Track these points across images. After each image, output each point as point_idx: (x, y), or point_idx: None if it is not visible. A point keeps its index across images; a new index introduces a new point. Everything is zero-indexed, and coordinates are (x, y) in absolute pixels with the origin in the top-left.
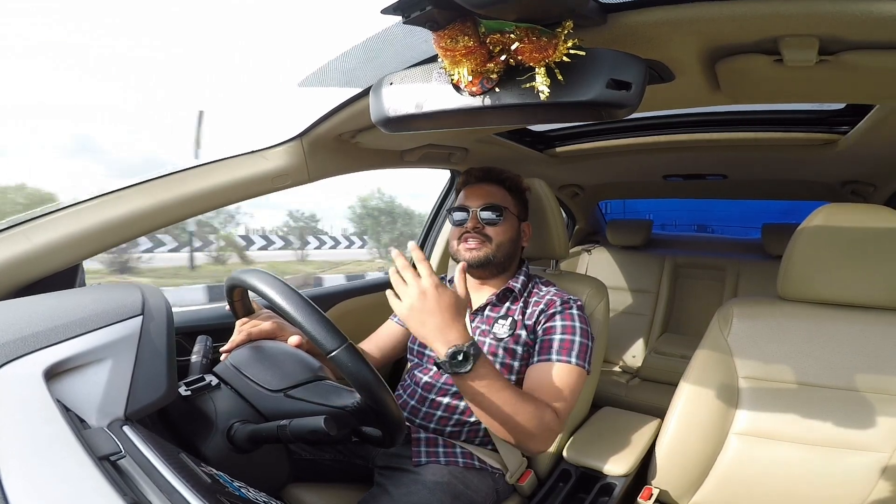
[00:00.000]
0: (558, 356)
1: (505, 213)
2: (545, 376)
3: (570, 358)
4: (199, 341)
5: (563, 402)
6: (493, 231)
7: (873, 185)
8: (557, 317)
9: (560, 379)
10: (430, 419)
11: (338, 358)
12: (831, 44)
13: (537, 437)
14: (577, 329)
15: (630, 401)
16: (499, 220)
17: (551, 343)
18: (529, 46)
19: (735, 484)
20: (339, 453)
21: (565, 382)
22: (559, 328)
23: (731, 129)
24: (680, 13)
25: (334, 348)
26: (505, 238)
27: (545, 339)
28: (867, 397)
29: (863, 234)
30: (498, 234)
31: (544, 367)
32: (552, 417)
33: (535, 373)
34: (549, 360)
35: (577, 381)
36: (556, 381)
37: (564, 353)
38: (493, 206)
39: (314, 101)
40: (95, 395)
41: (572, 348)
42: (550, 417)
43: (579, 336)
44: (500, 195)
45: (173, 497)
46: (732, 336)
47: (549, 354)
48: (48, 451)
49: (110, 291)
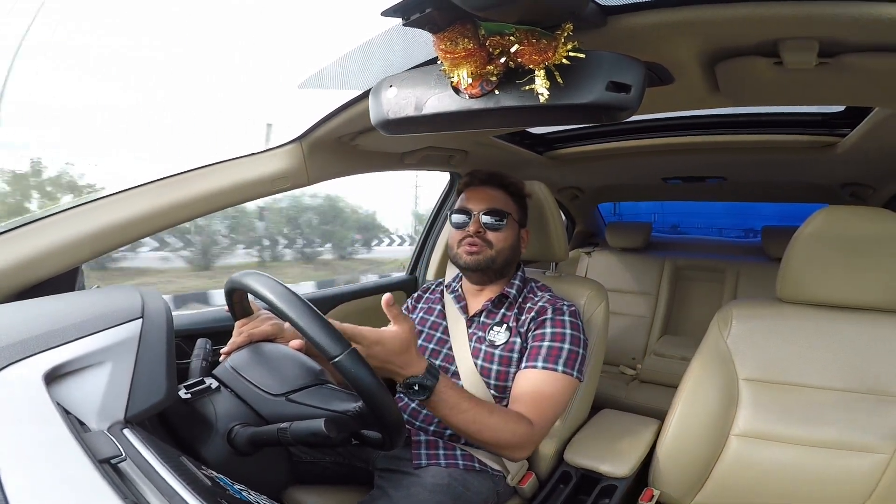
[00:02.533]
0: (545, 364)
1: (507, 219)
2: (529, 384)
3: (556, 366)
4: (199, 344)
5: (545, 411)
6: (494, 236)
7: (872, 188)
8: (548, 323)
9: (544, 387)
10: (431, 422)
11: (341, 364)
12: (831, 46)
13: (512, 447)
14: (567, 336)
15: (630, 403)
16: (501, 225)
17: (539, 350)
18: (529, 49)
19: (735, 485)
20: (339, 456)
21: (550, 391)
22: (548, 335)
23: (731, 131)
24: (679, 15)
25: (337, 354)
26: (506, 244)
27: (533, 346)
28: (867, 399)
29: (862, 236)
30: (499, 239)
31: (529, 374)
32: (526, 429)
33: (521, 380)
34: (535, 367)
35: (564, 389)
36: (540, 389)
37: (551, 360)
38: (495, 210)
39: (314, 103)
40: (95, 399)
41: (560, 356)
42: (524, 429)
43: (569, 343)
44: (502, 200)
45: (174, 500)
46: (732, 338)
47: (535, 362)
48: (48, 455)
49: (110, 295)
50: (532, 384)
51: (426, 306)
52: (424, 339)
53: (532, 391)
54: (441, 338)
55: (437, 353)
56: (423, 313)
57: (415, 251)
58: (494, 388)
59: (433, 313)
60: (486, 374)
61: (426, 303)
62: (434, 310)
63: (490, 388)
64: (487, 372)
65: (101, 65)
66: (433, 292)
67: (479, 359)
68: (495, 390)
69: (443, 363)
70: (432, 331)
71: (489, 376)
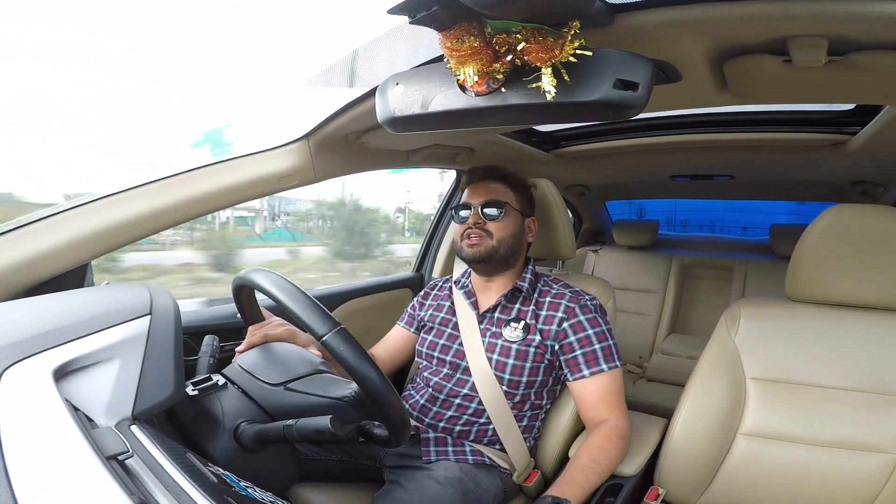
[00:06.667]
0: (608, 364)
1: (506, 208)
2: (605, 388)
3: (615, 363)
4: (207, 341)
5: (623, 404)
6: (494, 226)
7: (883, 186)
8: (586, 325)
9: (615, 385)
10: (440, 419)
11: (329, 342)
12: (840, 44)
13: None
14: (607, 332)
15: (637, 401)
16: (499, 214)
17: (596, 354)
18: (536, 46)
19: (742, 485)
20: (345, 454)
21: (617, 386)
22: (594, 337)
23: (739, 129)
24: (688, 13)
25: (324, 333)
26: (506, 233)
27: (588, 352)
28: (875, 398)
29: (871, 234)
30: (499, 229)
31: (598, 380)
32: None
33: (591, 386)
34: (602, 370)
35: (623, 380)
36: (612, 389)
37: (610, 359)
38: (494, 201)
39: (321, 101)
40: (104, 395)
41: (612, 353)
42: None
43: (610, 338)
44: (501, 191)
45: (180, 497)
46: (740, 336)
47: (599, 365)
48: (57, 451)
49: (118, 291)
50: (606, 387)
51: (435, 303)
52: (435, 336)
53: (607, 395)
54: (452, 334)
55: (448, 349)
56: (433, 310)
57: (420, 249)
58: (508, 383)
59: (443, 310)
60: (501, 369)
61: (435, 300)
62: (443, 306)
63: (503, 384)
64: (503, 367)
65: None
66: (441, 289)
67: (494, 354)
68: (508, 386)
69: (453, 359)
70: (443, 327)
71: (504, 371)
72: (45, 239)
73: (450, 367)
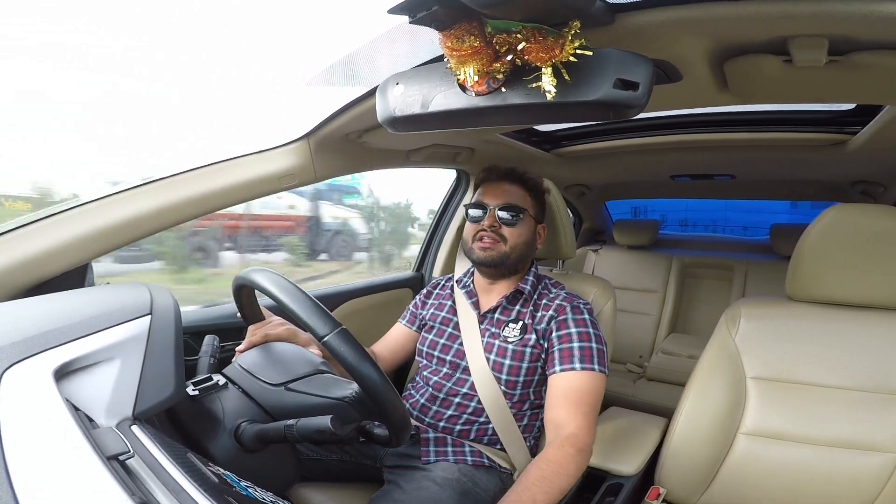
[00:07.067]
0: (582, 364)
1: (523, 215)
2: (571, 386)
3: (593, 365)
4: (207, 341)
5: (590, 410)
6: (509, 232)
7: (883, 186)
8: (570, 323)
9: (585, 386)
10: (440, 418)
11: (330, 342)
12: (841, 44)
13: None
14: (593, 335)
15: (637, 401)
16: (516, 220)
17: (571, 352)
18: (536, 46)
19: (743, 484)
20: (346, 454)
21: (588, 388)
22: (575, 335)
23: (740, 129)
24: (688, 13)
25: (325, 333)
26: (520, 240)
27: (565, 348)
28: (876, 398)
29: (872, 234)
30: (514, 235)
31: (569, 376)
32: (571, 450)
33: (560, 382)
34: (574, 368)
35: (601, 386)
36: (582, 390)
37: (587, 360)
38: (511, 206)
39: (321, 100)
40: (104, 395)
41: (593, 355)
42: (570, 450)
43: (595, 342)
44: (519, 196)
45: (181, 497)
46: (740, 336)
47: (572, 364)
48: (57, 451)
49: (119, 291)
50: (573, 386)
51: (437, 302)
52: (436, 335)
53: (575, 393)
54: (452, 333)
55: (448, 348)
56: (434, 309)
57: (421, 248)
58: (505, 383)
59: (444, 309)
60: (499, 369)
61: (436, 298)
62: (445, 305)
63: (501, 384)
64: (500, 367)
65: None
66: (443, 288)
67: (492, 354)
68: (506, 385)
69: (453, 359)
70: (444, 326)
71: (501, 371)
72: (45, 239)
73: (450, 366)
